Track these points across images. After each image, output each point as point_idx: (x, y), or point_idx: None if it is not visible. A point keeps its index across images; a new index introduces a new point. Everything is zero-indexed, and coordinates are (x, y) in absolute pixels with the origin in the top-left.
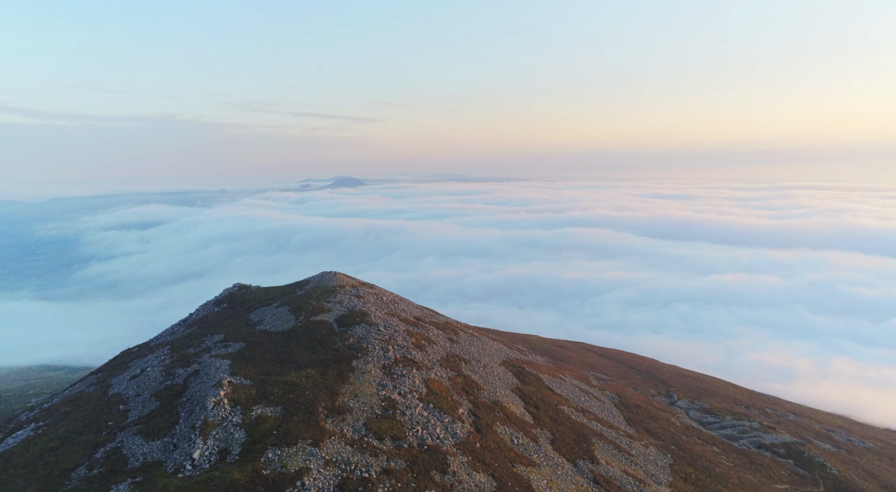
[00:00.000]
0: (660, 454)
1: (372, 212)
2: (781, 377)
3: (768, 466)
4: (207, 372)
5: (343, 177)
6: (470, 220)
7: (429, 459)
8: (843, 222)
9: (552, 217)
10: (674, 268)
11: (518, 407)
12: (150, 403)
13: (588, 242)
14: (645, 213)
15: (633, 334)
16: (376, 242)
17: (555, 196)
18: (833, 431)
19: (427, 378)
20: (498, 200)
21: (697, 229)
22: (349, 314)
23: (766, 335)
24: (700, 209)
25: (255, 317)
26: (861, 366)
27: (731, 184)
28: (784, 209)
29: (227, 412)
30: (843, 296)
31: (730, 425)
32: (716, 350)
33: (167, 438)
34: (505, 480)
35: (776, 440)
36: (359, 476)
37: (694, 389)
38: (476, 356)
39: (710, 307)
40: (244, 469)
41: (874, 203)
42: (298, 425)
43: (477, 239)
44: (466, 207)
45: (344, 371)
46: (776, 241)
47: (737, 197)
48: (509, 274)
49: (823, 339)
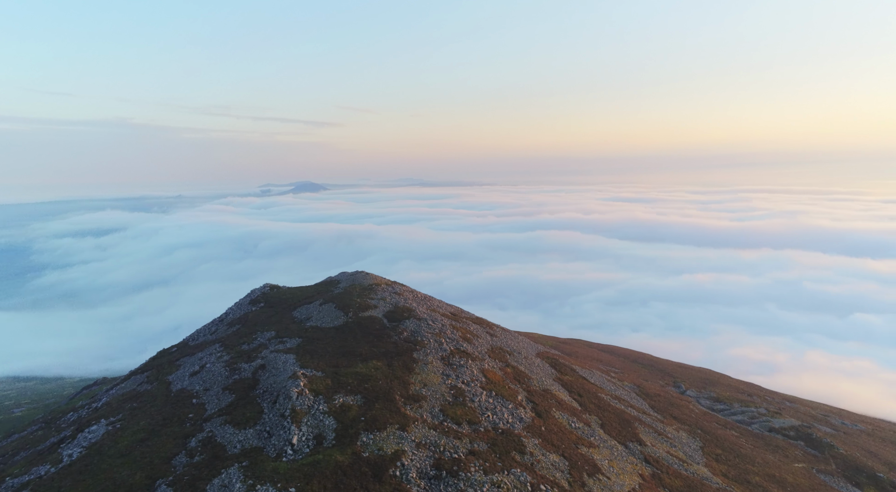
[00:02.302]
0: (690, 437)
1: (339, 217)
2: (763, 370)
3: (783, 447)
4: (275, 366)
5: (304, 182)
6: (441, 224)
7: (506, 441)
8: (801, 223)
9: (522, 220)
10: (647, 268)
11: (564, 395)
12: (224, 396)
13: (561, 244)
14: (612, 216)
15: (617, 333)
16: (348, 247)
17: (521, 200)
18: (828, 416)
19: (482, 368)
20: (465, 205)
21: (664, 231)
22: (395, 310)
23: (743, 331)
24: (664, 212)
25: (300, 314)
26: (833, 358)
27: (688, 187)
28: (742, 212)
29: (311, 402)
30: (809, 293)
31: (739, 411)
32: (698, 346)
33: (258, 426)
34: (574, 459)
35: (785, 424)
36: (449, 457)
37: (698, 379)
38: (516, 349)
39: (687, 305)
40: (345, 452)
41: (825, 205)
42: (382, 411)
43: (451, 242)
44: (435, 212)
45: (408, 362)
46: (740, 241)
47: (696, 200)
48: (488, 276)
49: (795, 334)
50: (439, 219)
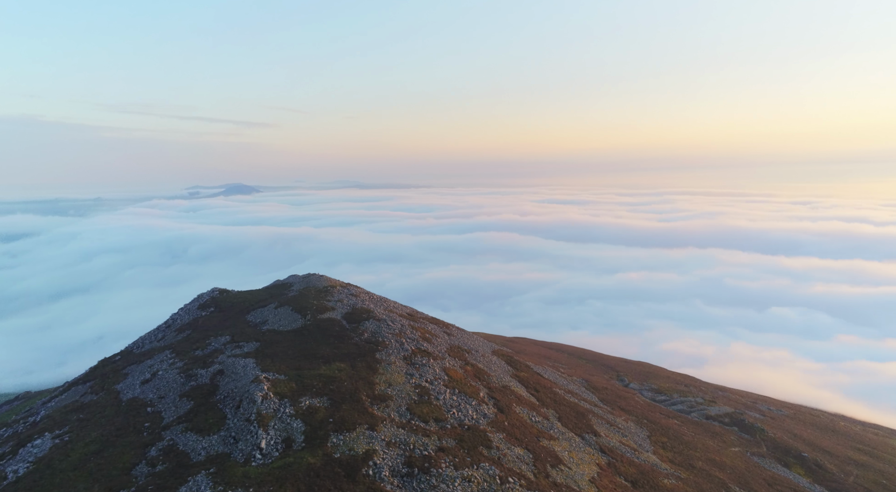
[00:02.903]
0: (638, 427)
1: (274, 219)
2: (693, 363)
3: (720, 433)
4: (234, 371)
5: (235, 184)
6: (379, 226)
7: (473, 436)
8: (721, 224)
9: (461, 222)
10: (583, 268)
11: (522, 391)
12: (182, 403)
13: (499, 245)
14: (547, 217)
15: (557, 331)
16: (285, 251)
17: (458, 202)
18: (756, 403)
19: (444, 367)
20: (403, 207)
21: (597, 232)
22: (353, 312)
23: (673, 326)
24: (596, 213)
25: (255, 318)
26: (755, 349)
27: (617, 190)
28: (668, 213)
29: (277, 405)
30: (730, 289)
31: (678, 401)
32: (634, 341)
33: (223, 432)
34: (538, 452)
35: (720, 412)
36: (420, 454)
37: (639, 373)
38: (473, 347)
39: (621, 303)
40: (316, 454)
41: (741, 206)
42: (350, 412)
43: (390, 245)
44: (373, 214)
45: (371, 363)
46: (667, 241)
47: (625, 202)
48: (429, 278)
49: (720, 327)
50: (378, 221)
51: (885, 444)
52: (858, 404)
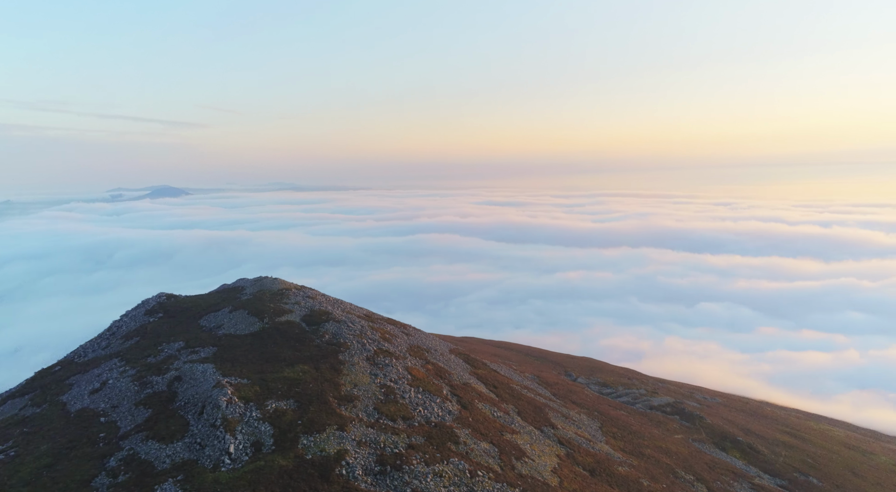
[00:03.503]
0: (590, 419)
1: (206, 223)
2: (631, 357)
3: (663, 422)
4: (193, 376)
5: (162, 186)
6: (318, 229)
7: (440, 433)
8: (652, 224)
9: (401, 224)
10: (524, 268)
11: (482, 387)
12: (138, 411)
13: (441, 247)
14: (487, 219)
15: (501, 331)
16: (220, 255)
17: (398, 204)
18: (693, 392)
19: (406, 366)
20: (342, 209)
21: (536, 233)
22: (312, 314)
23: (611, 323)
24: (534, 215)
25: (209, 323)
26: (687, 343)
27: (552, 192)
28: (601, 214)
29: (242, 409)
30: (662, 286)
31: (624, 393)
32: (574, 338)
33: (187, 438)
34: (502, 445)
35: (662, 402)
36: (391, 452)
37: (585, 368)
38: (431, 347)
39: (561, 301)
40: (287, 456)
41: (668, 207)
42: (318, 414)
43: (331, 247)
44: (311, 217)
45: (335, 364)
46: (602, 241)
47: (560, 203)
48: (372, 280)
49: (654, 323)
50: (316, 224)
51: (807, 426)
52: (780, 390)
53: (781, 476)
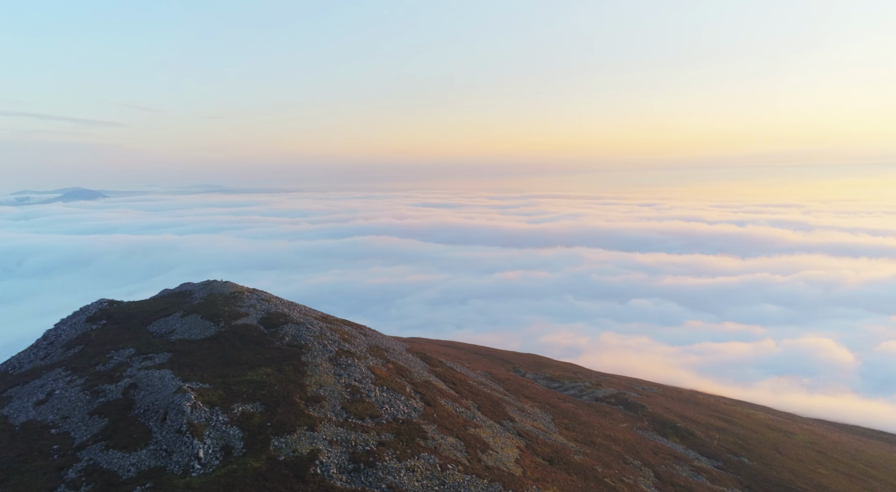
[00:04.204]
0: (543, 412)
1: (128, 227)
2: (571, 353)
3: (609, 412)
4: (150, 383)
5: (75, 188)
6: (251, 232)
7: (409, 430)
8: (584, 224)
9: (337, 227)
10: (463, 269)
11: (442, 385)
12: (93, 421)
13: (379, 249)
14: (424, 220)
15: (443, 331)
16: (145, 260)
17: (332, 207)
18: (632, 384)
19: (369, 366)
20: (274, 212)
21: (473, 234)
22: (269, 316)
23: (550, 321)
24: (470, 216)
25: (159, 329)
26: (622, 337)
27: (486, 194)
28: (535, 215)
29: (208, 414)
30: (595, 284)
31: (570, 386)
32: (515, 337)
33: (152, 446)
34: (467, 439)
35: (606, 393)
36: (362, 450)
37: (532, 363)
38: (389, 347)
39: (501, 301)
40: (259, 458)
41: (598, 208)
42: (287, 415)
43: (265, 251)
44: (243, 220)
45: (298, 366)
46: (538, 241)
47: (495, 205)
48: (310, 284)
49: (590, 319)
50: (249, 227)
51: (734, 411)
52: (708, 379)
53: (717, 457)
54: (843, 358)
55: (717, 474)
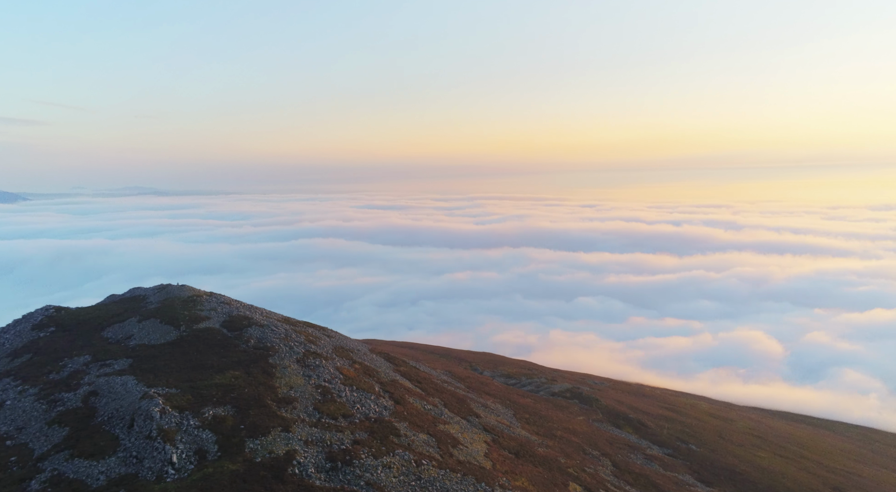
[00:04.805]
0: (504, 408)
1: (54, 231)
2: (523, 351)
3: (565, 406)
4: (113, 390)
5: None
6: (190, 236)
7: (382, 428)
8: (529, 225)
9: (282, 229)
10: (412, 270)
11: (408, 383)
12: (53, 431)
13: (326, 251)
14: (371, 222)
15: (395, 333)
16: (75, 266)
17: (275, 209)
18: (585, 379)
19: (336, 366)
20: (214, 215)
21: (421, 236)
22: (231, 319)
23: (500, 320)
24: (417, 218)
25: (115, 334)
26: (570, 335)
27: (432, 195)
28: (481, 216)
29: (178, 419)
30: (543, 283)
31: (527, 382)
32: (467, 337)
33: (121, 453)
34: (438, 436)
35: (562, 388)
36: (338, 449)
37: (488, 362)
38: (353, 347)
39: (451, 302)
40: (236, 461)
41: (542, 209)
42: (260, 417)
43: (207, 255)
44: (181, 223)
45: (266, 368)
46: (485, 242)
47: (441, 207)
48: (256, 288)
49: (539, 318)
50: (187, 230)
51: (680, 402)
52: (652, 372)
53: (667, 445)
54: (773, 349)
55: (669, 460)
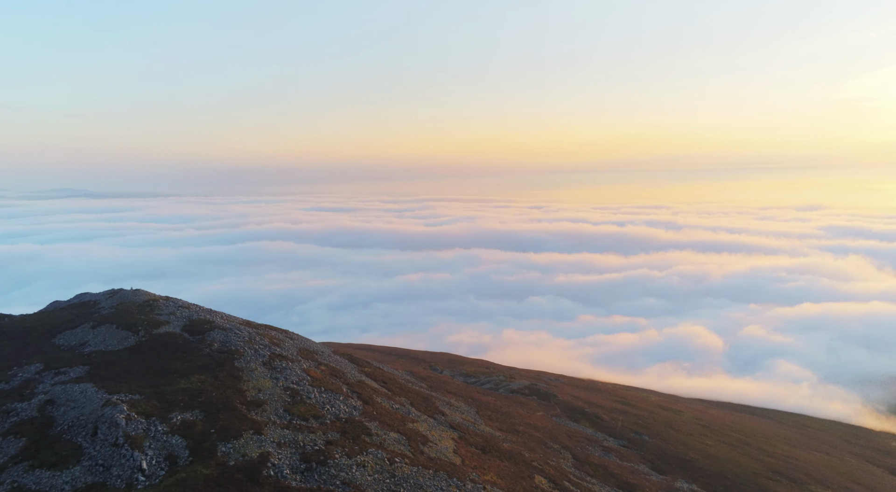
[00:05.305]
0: (467, 406)
1: None
2: (477, 351)
3: (524, 402)
4: (71, 398)
5: None
6: (128, 239)
7: (353, 428)
8: (479, 226)
9: (227, 232)
10: (364, 273)
11: (374, 383)
12: (8, 442)
13: (275, 254)
14: (320, 225)
15: (349, 336)
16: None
17: (219, 212)
18: (540, 376)
19: (303, 368)
20: (154, 218)
21: (372, 238)
22: (192, 323)
23: (453, 321)
24: (367, 220)
25: (67, 341)
26: (522, 334)
27: (380, 197)
28: (431, 218)
29: (145, 425)
30: (495, 283)
31: (486, 381)
32: (422, 338)
33: (85, 462)
34: (408, 434)
35: (520, 385)
36: (311, 449)
37: (446, 361)
38: (316, 349)
39: (404, 303)
40: (209, 465)
41: (491, 211)
42: (230, 421)
43: (147, 260)
44: (117, 226)
45: (233, 372)
46: (436, 244)
47: (390, 208)
48: (203, 293)
49: (492, 318)
50: (125, 234)
51: (631, 395)
52: (603, 368)
53: (622, 437)
54: (713, 343)
55: (625, 451)
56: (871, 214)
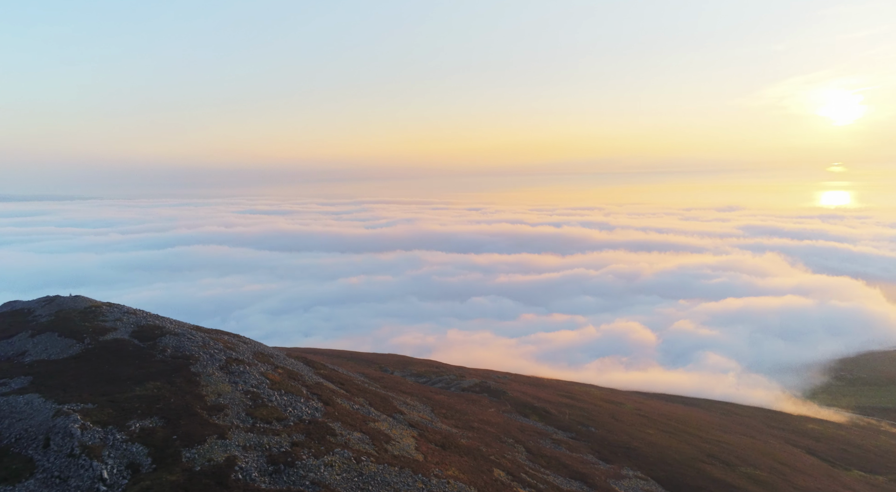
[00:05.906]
0: (423, 405)
1: None
2: (423, 351)
3: (476, 400)
4: (17, 410)
5: None
6: (44, 245)
7: (317, 429)
8: (420, 228)
9: (155, 237)
10: (304, 276)
11: (332, 385)
12: None
13: (209, 259)
14: (256, 228)
15: (291, 340)
16: None
17: (144, 215)
18: (489, 374)
19: (261, 372)
20: (72, 222)
21: (310, 241)
22: (141, 329)
23: (397, 323)
24: (305, 223)
25: (4, 352)
26: (466, 334)
27: (317, 200)
28: (371, 220)
29: (102, 434)
30: (437, 285)
31: (437, 380)
32: (366, 340)
33: (40, 474)
34: (371, 433)
35: (471, 383)
36: (278, 452)
37: (395, 363)
38: (270, 352)
39: (347, 306)
40: (174, 471)
41: (430, 213)
42: (192, 426)
43: (66, 266)
44: (32, 231)
45: (190, 377)
46: (377, 246)
47: (328, 211)
48: (133, 299)
49: (435, 319)
50: (40, 239)
51: (575, 390)
52: (545, 365)
53: (570, 430)
54: (647, 338)
55: (573, 443)
56: (782, 214)
